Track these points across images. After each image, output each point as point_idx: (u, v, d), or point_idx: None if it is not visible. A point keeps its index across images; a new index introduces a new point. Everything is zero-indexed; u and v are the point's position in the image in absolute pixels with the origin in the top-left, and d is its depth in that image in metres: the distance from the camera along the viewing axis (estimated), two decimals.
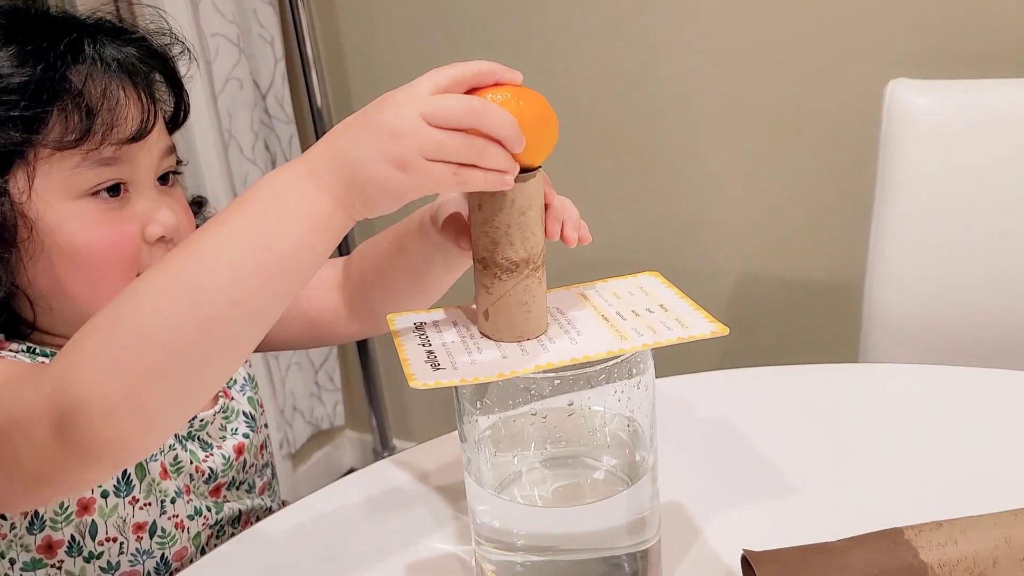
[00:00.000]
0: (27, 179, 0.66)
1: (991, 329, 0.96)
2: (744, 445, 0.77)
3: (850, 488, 0.71)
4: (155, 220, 0.71)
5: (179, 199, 0.75)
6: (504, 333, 0.57)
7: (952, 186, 0.95)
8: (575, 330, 0.58)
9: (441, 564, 0.67)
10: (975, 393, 0.81)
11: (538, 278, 0.57)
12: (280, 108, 1.63)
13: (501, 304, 0.57)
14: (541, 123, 0.54)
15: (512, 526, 0.60)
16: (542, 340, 0.57)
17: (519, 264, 0.56)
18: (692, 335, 0.56)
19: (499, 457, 0.62)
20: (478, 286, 0.58)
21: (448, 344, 0.57)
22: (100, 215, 0.68)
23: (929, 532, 0.59)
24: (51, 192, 0.67)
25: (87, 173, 0.67)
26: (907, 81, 0.97)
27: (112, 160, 0.68)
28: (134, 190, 0.71)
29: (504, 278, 0.56)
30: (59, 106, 0.66)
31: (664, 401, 0.61)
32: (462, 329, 0.59)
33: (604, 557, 0.61)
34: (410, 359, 0.56)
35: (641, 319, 0.58)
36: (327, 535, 0.72)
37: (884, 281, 0.97)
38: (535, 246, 0.56)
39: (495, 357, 0.55)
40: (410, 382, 0.53)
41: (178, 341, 0.52)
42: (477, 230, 0.56)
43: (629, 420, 0.61)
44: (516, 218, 0.55)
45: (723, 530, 0.67)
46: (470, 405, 0.59)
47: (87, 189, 0.68)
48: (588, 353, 0.55)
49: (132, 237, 0.70)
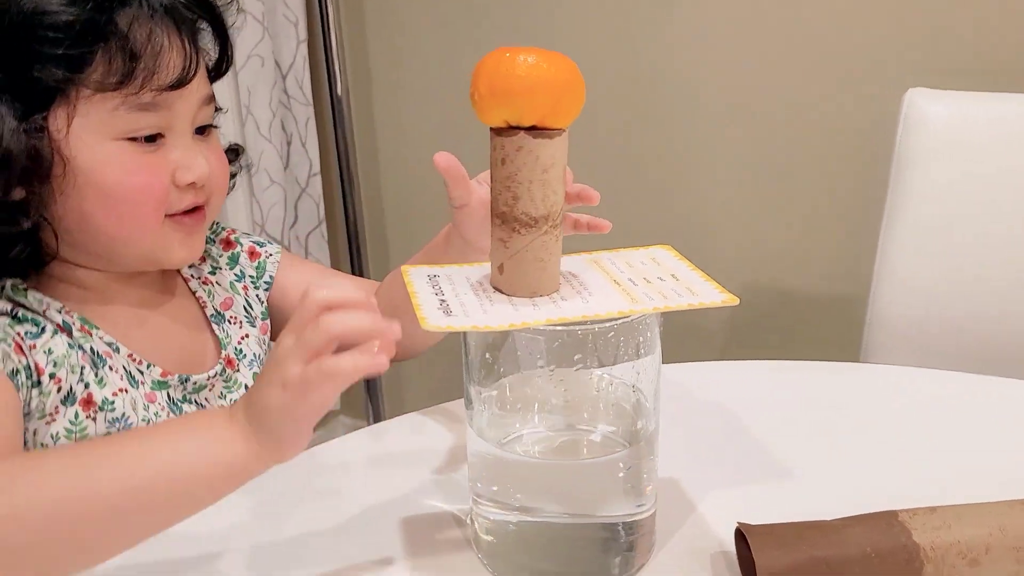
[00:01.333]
0: (67, 117, 0.67)
1: (995, 337, 0.97)
2: (743, 431, 0.78)
3: (846, 476, 0.72)
4: (186, 167, 0.72)
5: (215, 148, 0.76)
6: (517, 288, 0.58)
7: (965, 195, 0.96)
8: (587, 291, 0.59)
9: (437, 521, 0.67)
10: (974, 398, 0.82)
11: (555, 236, 0.58)
12: (299, 90, 1.64)
13: (517, 259, 0.57)
14: (570, 86, 0.55)
15: (510, 482, 0.60)
16: (554, 298, 0.58)
17: (538, 220, 0.56)
18: (703, 302, 0.56)
19: (503, 417, 0.62)
20: (495, 241, 0.58)
21: (461, 295, 0.58)
22: (133, 158, 0.70)
23: (924, 516, 0.60)
24: (88, 132, 0.68)
25: (125, 117, 0.69)
26: (926, 90, 0.98)
27: (151, 106, 0.69)
28: (170, 137, 0.72)
29: (522, 233, 0.57)
30: (103, 48, 0.67)
31: (666, 386, 0.61)
32: (475, 283, 0.60)
33: (599, 523, 0.61)
34: (422, 304, 0.56)
35: (652, 286, 0.59)
36: (322, 486, 0.72)
37: (890, 284, 0.98)
38: (555, 204, 0.57)
39: (507, 309, 0.56)
40: (422, 324, 0.54)
41: (45, 533, 0.53)
42: (499, 184, 0.57)
43: (634, 388, 0.61)
44: (539, 174, 0.56)
45: (718, 507, 0.68)
46: (478, 363, 0.60)
47: (124, 133, 0.69)
48: (599, 312, 0.55)
49: (162, 181, 0.71)
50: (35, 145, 0.66)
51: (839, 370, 0.88)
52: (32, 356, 0.69)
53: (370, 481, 0.73)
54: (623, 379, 0.61)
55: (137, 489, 0.54)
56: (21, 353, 0.68)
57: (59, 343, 0.71)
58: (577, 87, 0.55)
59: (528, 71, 0.54)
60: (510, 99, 0.54)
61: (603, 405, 0.63)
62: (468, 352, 0.60)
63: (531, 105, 0.54)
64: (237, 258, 0.88)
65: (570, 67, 0.56)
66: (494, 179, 0.57)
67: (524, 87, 0.54)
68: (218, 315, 0.84)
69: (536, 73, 0.54)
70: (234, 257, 0.88)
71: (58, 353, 0.70)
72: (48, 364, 0.69)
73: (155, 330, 0.79)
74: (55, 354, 0.70)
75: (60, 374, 0.70)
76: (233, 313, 0.85)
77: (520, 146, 0.55)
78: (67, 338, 0.72)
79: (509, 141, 0.55)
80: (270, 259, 0.89)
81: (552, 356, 0.58)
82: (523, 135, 0.55)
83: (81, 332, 0.73)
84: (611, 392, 0.62)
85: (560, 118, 0.55)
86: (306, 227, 1.71)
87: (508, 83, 0.54)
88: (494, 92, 0.54)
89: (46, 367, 0.69)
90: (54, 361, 0.70)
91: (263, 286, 0.88)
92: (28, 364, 0.68)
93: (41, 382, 0.69)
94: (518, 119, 0.55)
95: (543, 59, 0.55)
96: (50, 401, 0.69)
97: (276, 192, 1.63)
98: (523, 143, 0.55)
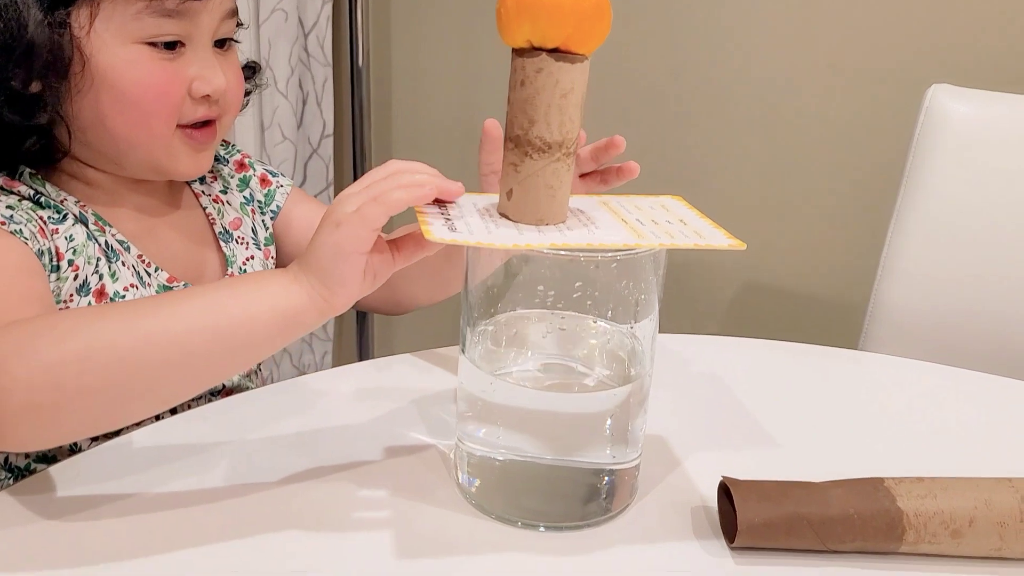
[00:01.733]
0: (89, 17, 0.68)
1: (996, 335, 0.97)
2: (734, 400, 0.77)
3: (833, 450, 0.71)
4: (204, 79, 0.72)
5: (233, 63, 0.76)
6: (525, 214, 0.58)
7: (978, 192, 0.96)
8: (593, 225, 0.58)
9: (421, 454, 0.67)
10: (971, 393, 0.82)
11: (568, 165, 0.57)
12: (320, 49, 1.64)
13: (527, 184, 0.57)
14: (597, 10, 0.55)
15: (498, 417, 0.60)
16: (559, 227, 0.58)
17: (552, 146, 0.56)
18: (709, 244, 0.56)
19: (496, 352, 0.62)
20: (506, 165, 0.58)
21: (467, 216, 0.58)
22: (152, 64, 0.70)
23: (910, 484, 0.59)
24: (110, 33, 0.68)
25: (147, 21, 0.69)
26: (949, 87, 0.98)
27: (174, 13, 0.69)
28: (190, 47, 0.72)
29: (535, 157, 0.56)
30: None
31: (662, 354, 0.61)
32: (481, 209, 0.60)
33: (584, 467, 0.61)
34: (428, 220, 0.56)
35: (659, 227, 0.59)
36: (309, 414, 0.72)
37: (894, 276, 0.98)
38: (571, 132, 0.57)
39: (512, 232, 0.56)
40: (426, 235, 0.53)
41: (114, 376, 0.54)
42: (515, 108, 0.56)
43: (631, 336, 0.61)
44: (557, 99, 0.55)
45: (703, 465, 0.67)
46: (477, 300, 0.60)
47: (145, 37, 0.69)
48: (604, 241, 0.55)
49: (178, 89, 0.72)
50: (57, 40, 0.67)
51: (835, 355, 0.88)
52: (54, 240, 0.69)
53: (356, 411, 0.72)
54: (620, 328, 0.61)
55: (201, 330, 0.55)
56: (44, 236, 0.69)
57: (79, 232, 0.72)
58: (603, 11, 0.55)
59: None
60: (535, 14, 0.53)
61: (599, 351, 0.62)
62: (467, 289, 0.60)
63: (556, 23, 0.53)
64: (248, 181, 0.88)
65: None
66: (511, 102, 0.57)
67: (550, 4, 0.53)
68: (226, 233, 0.84)
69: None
70: (245, 180, 0.88)
71: (78, 241, 0.71)
72: (68, 251, 0.70)
73: (162, 238, 0.79)
74: (75, 241, 0.71)
75: (78, 262, 0.71)
76: (241, 234, 0.85)
77: (541, 68, 0.55)
78: (84, 228, 0.72)
79: (530, 62, 0.55)
80: (280, 189, 0.89)
81: (553, 285, 0.58)
82: (545, 57, 0.54)
83: (95, 226, 0.74)
84: (608, 339, 0.62)
85: (583, 43, 0.55)
86: (314, 188, 1.71)
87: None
88: (520, 5, 0.53)
89: (65, 253, 0.70)
90: (74, 248, 0.71)
91: (270, 213, 0.89)
92: (50, 247, 0.69)
93: (60, 267, 0.69)
94: (541, 39, 0.54)
95: None
96: (66, 288, 0.70)
97: (287, 148, 1.62)
98: (544, 65, 0.55)
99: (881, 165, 1.30)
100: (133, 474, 0.63)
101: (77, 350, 0.54)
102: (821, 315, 1.45)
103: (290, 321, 0.57)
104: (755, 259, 1.48)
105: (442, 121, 1.72)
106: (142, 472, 0.63)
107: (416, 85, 1.72)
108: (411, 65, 1.71)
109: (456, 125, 1.66)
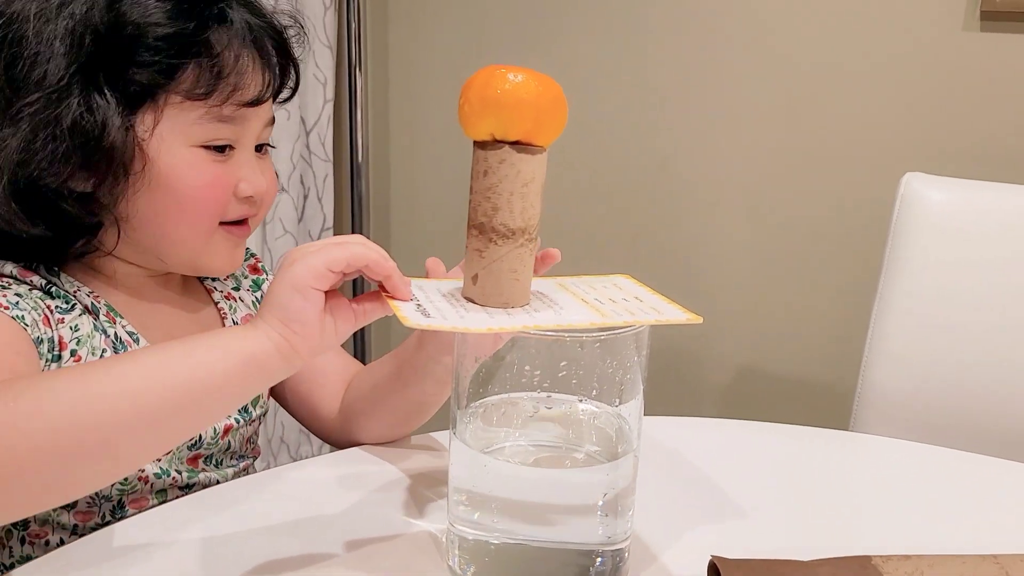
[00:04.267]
0: (153, 120, 0.72)
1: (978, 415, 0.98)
2: (722, 481, 0.78)
3: (822, 529, 0.72)
4: (249, 180, 0.76)
5: (268, 166, 0.81)
6: (491, 298, 0.60)
7: (956, 276, 0.99)
8: (557, 306, 0.61)
9: (414, 540, 0.68)
10: (958, 473, 0.82)
11: (530, 250, 0.60)
12: (321, 146, 1.69)
13: (492, 269, 0.59)
14: (555, 106, 0.59)
15: (490, 498, 0.60)
16: (527, 309, 0.60)
17: (515, 232, 0.59)
18: (668, 319, 0.58)
19: (487, 431, 0.63)
20: (470, 251, 0.61)
21: (435, 302, 0.60)
22: (208, 165, 0.74)
23: (897, 561, 0.60)
24: (171, 136, 0.72)
25: (206, 126, 0.73)
26: (922, 175, 1.02)
27: (229, 119, 0.74)
28: (238, 149, 0.76)
29: (499, 243, 0.59)
30: (196, 62, 0.72)
31: (650, 436, 0.62)
32: (447, 294, 0.62)
33: (575, 549, 0.61)
34: (400, 305, 0.58)
35: (618, 305, 0.61)
36: (300, 499, 0.72)
37: (881, 358, 1.00)
38: (532, 218, 0.60)
39: (483, 316, 0.58)
40: (402, 321, 0.56)
41: (65, 435, 0.53)
42: (479, 196, 0.59)
43: (617, 415, 0.63)
44: (520, 187, 0.59)
45: (692, 546, 0.68)
46: (467, 385, 0.61)
47: (202, 140, 0.73)
48: (572, 321, 0.57)
49: (227, 190, 0.76)
50: (126, 142, 0.70)
51: (825, 436, 0.89)
52: (58, 330, 0.71)
53: (345, 497, 0.73)
54: (607, 408, 0.63)
55: (154, 384, 0.55)
56: (48, 325, 0.70)
57: (85, 322, 0.73)
58: (561, 107, 0.59)
59: (516, 86, 0.57)
60: (498, 111, 0.57)
61: (587, 429, 0.64)
62: (457, 373, 0.62)
63: (517, 119, 0.57)
64: (260, 285, 0.91)
65: (555, 88, 0.59)
66: (474, 191, 0.60)
67: (512, 100, 0.57)
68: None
69: (524, 88, 0.57)
70: (257, 283, 0.91)
71: (84, 331, 0.73)
72: (72, 340, 0.72)
73: (173, 331, 0.80)
74: (81, 332, 0.73)
75: (81, 352, 0.72)
76: None
77: (503, 159, 0.58)
78: (93, 320, 0.74)
79: (493, 154, 0.58)
80: None
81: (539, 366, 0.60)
82: (507, 148, 0.58)
83: (106, 318, 0.75)
84: (595, 418, 0.63)
85: (543, 135, 0.58)
86: None
87: (497, 95, 0.57)
88: (484, 103, 0.57)
89: (69, 342, 0.71)
90: (78, 338, 0.72)
91: None
92: (52, 337, 0.70)
93: (61, 356, 0.71)
94: (503, 132, 0.58)
95: (531, 77, 0.58)
96: None
97: (288, 242, 1.66)
98: (506, 156, 0.58)
99: (863, 251, 1.34)
100: (118, 565, 0.63)
101: (26, 409, 0.53)
102: (812, 399, 1.46)
103: (251, 366, 0.57)
104: (747, 344, 1.50)
105: (438, 215, 1.77)
106: (127, 564, 0.64)
107: (413, 180, 1.78)
108: (408, 161, 1.77)
109: (452, 219, 1.70)
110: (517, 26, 1.59)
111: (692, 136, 1.48)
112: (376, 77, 1.74)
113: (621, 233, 1.55)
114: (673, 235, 1.52)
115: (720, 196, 1.47)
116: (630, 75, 1.50)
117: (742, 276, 1.48)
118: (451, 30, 1.66)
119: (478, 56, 1.64)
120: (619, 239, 1.55)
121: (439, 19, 1.67)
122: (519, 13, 1.59)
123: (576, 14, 1.54)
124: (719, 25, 1.42)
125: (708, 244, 1.50)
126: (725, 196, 1.47)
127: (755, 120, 1.42)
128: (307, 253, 0.58)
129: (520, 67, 0.58)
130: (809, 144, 1.39)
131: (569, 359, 0.59)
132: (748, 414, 1.48)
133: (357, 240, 0.60)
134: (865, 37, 1.33)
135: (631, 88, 1.50)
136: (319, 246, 0.59)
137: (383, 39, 1.73)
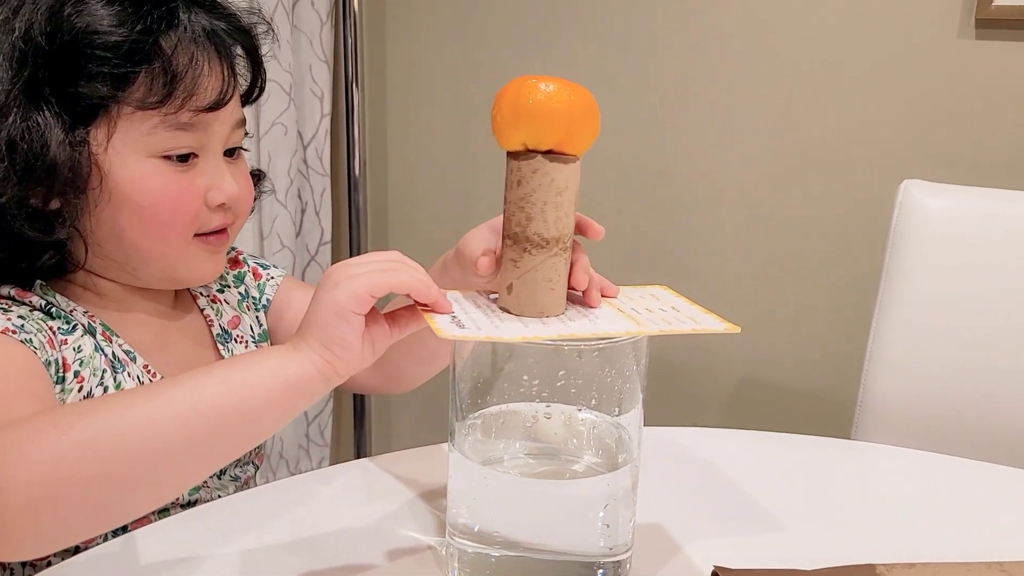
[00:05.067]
0: (107, 133, 0.70)
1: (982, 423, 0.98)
2: (724, 489, 0.78)
3: (826, 536, 0.71)
4: (218, 187, 0.74)
5: (242, 171, 0.79)
6: (526, 307, 0.60)
7: (956, 283, 0.99)
8: (593, 315, 0.60)
9: (414, 553, 0.67)
10: (962, 480, 0.82)
11: (564, 259, 0.60)
12: (318, 160, 1.69)
13: (527, 278, 0.59)
14: (587, 115, 0.59)
15: (489, 510, 0.60)
16: (561, 318, 0.60)
17: (549, 241, 0.59)
18: (706, 329, 0.58)
19: (486, 443, 0.63)
20: (505, 261, 0.60)
21: (471, 313, 0.60)
22: (167, 176, 0.72)
23: (901, 569, 0.60)
24: (127, 148, 0.70)
25: (163, 135, 0.71)
26: (920, 182, 1.02)
27: (188, 126, 0.72)
28: (203, 157, 0.74)
29: (533, 253, 0.59)
30: (147, 69, 0.69)
31: (652, 444, 0.62)
32: (482, 304, 0.62)
33: (577, 561, 0.61)
34: (435, 318, 0.58)
35: (655, 315, 0.61)
36: (300, 514, 0.72)
37: (882, 367, 0.99)
38: (566, 227, 0.59)
39: (518, 326, 0.58)
40: (437, 334, 0.55)
41: (115, 464, 0.54)
42: (513, 206, 0.59)
43: (616, 425, 0.62)
44: (553, 196, 0.58)
45: (694, 556, 0.67)
46: (466, 396, 0.61)
47: (160, 151, 0.71)
48: (608, 330, 0.57)
49: (194, 200, 0.73)
50: (76, 157, 0.69)
51: (827, 444, 0.88)
52: (62, 351, 0.70)
53: (345, 510, 0.73)
54: (606, 417, 0.62)
55: (200, 409, 0.55)
56: (53, 347, 0.69)
57: (87, 343, 0.73)
58: (593, 116, 0.59)
59: (549, 96, 0.57)
60: (530, 121, 0.57)
61: (586, 439, 0.63)
62: (455, 383, 0.61)
63: (549, 128, 0.57)
64: (243, 277, 0.90)
65: (588, 97, 0.59)
66: (508, 201, 0.60)
67: (544, 110, 0.57)
68: (224, 334, 0.85)
69: (556, 98, 0.57)
70: (240, 276, 0.90)
71: (85, 352, 0.72)
72: (75, 362, 0.71)
73: (167, 344, 0.80)
74: (83, 353, 0.72)
75: (84, 373, 0.71)
76: (240, 332, 0.86)
77: (536, 168, 0.58)
78: (92, 340, 0.73)
79: (526, 164, 0.58)
80: (271, 281, 0.91)
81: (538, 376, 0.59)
82: (540, 158, 0.58)
83: (103, 337, 0.75)
84: (594, 428, 0.63)
85: (575, 144, 0.58)
86: None
87: (530, 106, 0.57)
88: (517, 113, 0.57)
89: (72, 364, 0.71)
90: (80, 360, 0.71)
91: (262, 308, 0.90)
92: (57, 359, 0.70)
93: (65, 378, 0.70)
94: (536, 142, 0.58)
95: (563, 87, 0.58)
96: (70, 399, 0.70)
97: (286, 257, 1.66)
98: (539, 166, 0.58)
99: (862, 258, 1.34)
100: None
101: (77, 440, 0.53)
102: (813, 407, 1.46)
103: (292, 390, 0.57)
104: (747, 354, 1.50)
105: (436, 228, 1.77)
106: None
107: (411, 194, 1.78)
108: (406, 175, 1.77)
109: (450, 232, 1.70)
110: (514, 40, 1.60)
111: (690, 145, 1.48)
112: (373, 91, 1.75)
113: (618, 244, 1.55)
114: (672, 242, 1.52)
115: (718, 205, 1.47)
116: (629, 82, 1.50)
117: (741, 284, 1.48)
118: (448, 44, 1.67)
119: (475, 70, 1.64)
120: (617, 250, 1.55)
121: (436, 34, 1.67)
122: (516, 28, 1.59)
123: (573, 32, 1.54)
124: (719, 32, 1.43)
125: (706, 250, 1.50)
126: (723, 205, 1.47)
127: (753, 127, 1.43)
128: (350, 276, 0.57)
129: (551, 77, 0.58)
130: (807, 152, 1.39)
131: (567, 368, 0.59)
132: (749, 423, 1.48)
133: (398, 262, 0.59)
134: (863, 45, 1.33)
135: (630, 95, 1.51)
136: (362, 269, 0.58)
137: (380, 54, 1.74)
